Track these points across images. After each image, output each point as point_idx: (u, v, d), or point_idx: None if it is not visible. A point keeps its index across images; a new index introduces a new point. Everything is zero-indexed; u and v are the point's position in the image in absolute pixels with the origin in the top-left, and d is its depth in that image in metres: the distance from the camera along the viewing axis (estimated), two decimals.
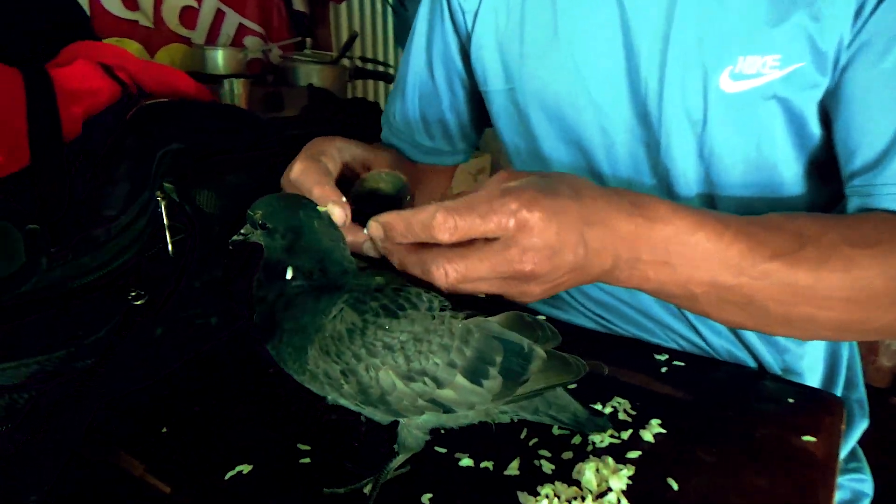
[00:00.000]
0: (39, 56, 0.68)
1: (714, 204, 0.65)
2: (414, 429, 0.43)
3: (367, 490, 0.43)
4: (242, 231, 0.43)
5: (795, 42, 0.54)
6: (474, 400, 0.42)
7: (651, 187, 0.67)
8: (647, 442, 0.50)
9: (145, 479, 0.43)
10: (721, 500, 0.43)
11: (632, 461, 0.47)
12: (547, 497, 0.42)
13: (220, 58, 2.04)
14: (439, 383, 0.40)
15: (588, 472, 0.44)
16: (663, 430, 0.51)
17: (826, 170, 0.61)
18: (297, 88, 2.16)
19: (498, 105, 0.75)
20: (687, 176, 0.64)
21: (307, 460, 0.45)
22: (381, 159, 0.59)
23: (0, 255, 0.37)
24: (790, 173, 0.62)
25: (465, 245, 0.40)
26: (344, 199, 0.46)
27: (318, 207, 0.43)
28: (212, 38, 2.26)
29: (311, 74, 2.17)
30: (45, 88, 0.56)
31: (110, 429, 0.46)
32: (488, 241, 0.40)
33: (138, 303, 0.46)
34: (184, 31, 2.18)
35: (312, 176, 0.48)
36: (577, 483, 0.44)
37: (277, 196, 0.43)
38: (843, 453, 0.74)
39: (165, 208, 0.50)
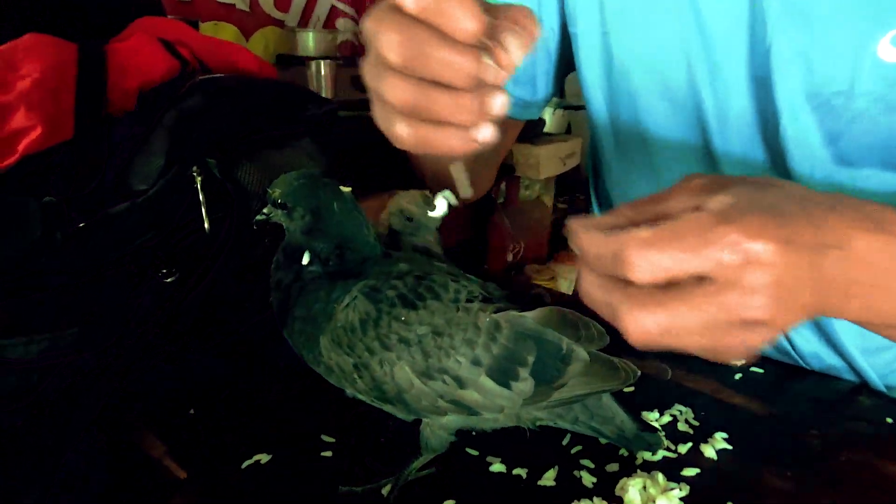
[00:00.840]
0: (105, 33, 0.69)
1: (840, 187, 0.55)
2: (438, 429, 0.40)
3: (385, 491, 0.40)
4: (265, 210, 0.40)
5: None
6: (502, 403, 0.38)
7: (764, 170, 0.58)
8: (709, 458, 0.44)
9: (163, 461, 0.42)
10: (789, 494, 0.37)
11: (687, 479, 0.41)
12: None
13: (310, 40, 2.07)
14: (461, 383, 0.37)
15: (633, 490, 0.39)
16: (729, 447, 0.45)
17: None
18: None
19: (587, 52, 0.65)
20: (813, 158, 0.55)
21: (329, 453, 0.43)
22: None
23: (16, 227, 0.37)
24: None
25: (668, 286, 0.31)
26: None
27: (340, 187, 0.40)
28: (304, 21, 2.30)
29: None
30: (98, 63, 0.56)
31: (137, 406, 0.45)
32: (698, 280, 0.31)
33: (169, 280, 0.45)
34: (277, 14, 2.22)
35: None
36: (620, 501, 0.39)
37: (298, 173, 0.41)
38: None
39: (202, 184, 0.48)
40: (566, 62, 0.70)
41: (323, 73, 1.88)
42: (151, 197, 0.43)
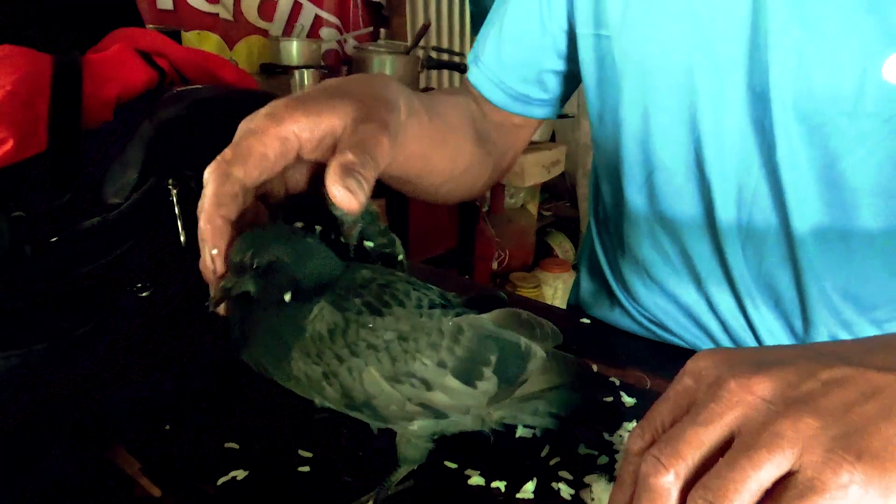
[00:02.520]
0: (83, 44, 0.69)
1: (840, 208, 0.57)
2: (413, 437, 0.40)
3: None
4: (224, 285, 0.37)
5: None
6: (468, 403, 0.38)
7: (755, 188, 0.59)
8: None
9: (137, 479, 0.41)
10: None
11: None
12: None
13: (294, 49, 2.07)
14: (428, 385, 0.37)
15: (597, 490, 0.40)
16: None
17: None
18: None
19: (587, 54, 0.66)
20: (807, 181, 0.55)
21: (306, 468, 0.43)
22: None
23: None
24: None
25: None
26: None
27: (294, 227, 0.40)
28: (289, 30, 2.30)
29: (384, 64, 2.17)
30: (73, 75, 0.55)
31: (110, 423, 0.44)
32: None
33: (143, 294, 0.45)
34: (262, 24, 2.22)
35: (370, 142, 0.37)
36: None
37: (251, 236, 0.39)
38: None
39: (177, 197, 0.48)
40: (575, 68, 0.70)
41: (306, 82, 1.88)
42: (125, 210, 0.42)
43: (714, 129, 0.57)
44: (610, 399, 0.52)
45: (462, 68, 2.25)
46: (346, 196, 0.35)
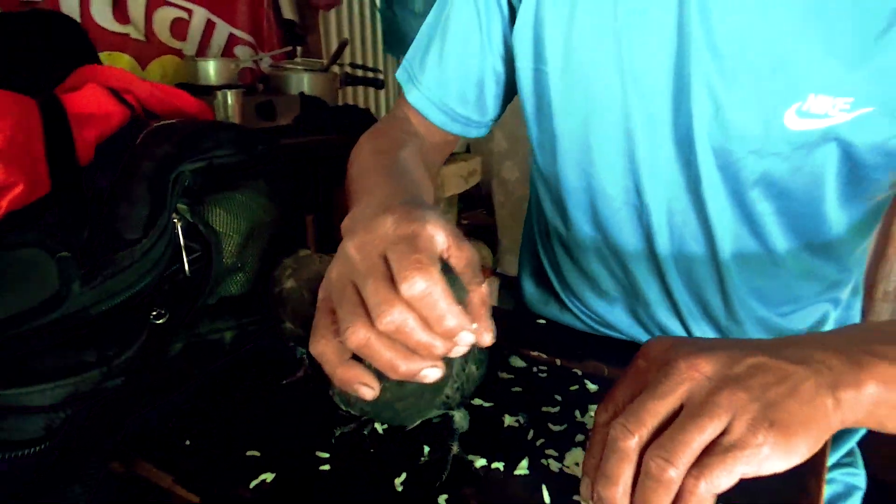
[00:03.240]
0: (48, 83, 0.70)
1: (752, 229, 0.67)
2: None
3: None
4: None
5: (870, 88, 0.54)
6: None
7: (686, 213, 0.68)
8: None
9: (174, 490, 0.45)
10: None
11: None
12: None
13: (211, 69, 2.06)
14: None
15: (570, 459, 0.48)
16: None
17: (856, 212, 0.64)
18: (288, 97, 2.18)
19: (527, 85, 0.71)
20: (728, 221, 0.66)
21: (327, 467, 0.48)
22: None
23: (32, 282, 0.40)
24: (832, 215, 0.64)
25: None
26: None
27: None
28: (202, 49, 2.28)
29: (302, 82, 2.19)
30: (59, 115, 0.58)
31: (134, 443, 0.48)
32: None
33: (159, 322, 0.48)
34: (175, 43, 2.19)
35: (441, 301, 0.37)
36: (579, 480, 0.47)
37: None
38: (841, 453, 0.77)
39: (182, 229, 0.52)
40: (512, 87, 0.76)
41: (230, 101, 1.88)
42: (146, 245, 0.46)
43: (648, 163, 0.66)
44: (576, 387, 0.60)
45: (378, 84, 2.30)
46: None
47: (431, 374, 0.38)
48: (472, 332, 0.38)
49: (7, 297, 0.38)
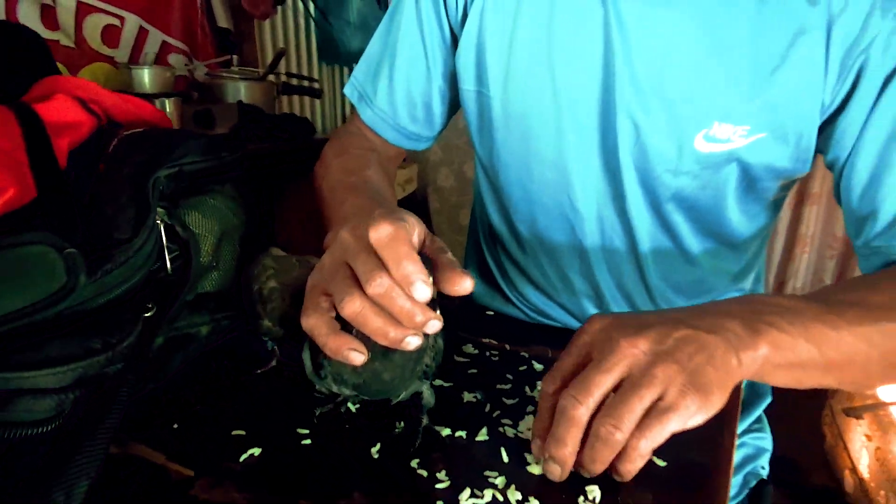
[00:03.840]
0: (12, 93, 0.72)
1: (669, 233, 0.76)
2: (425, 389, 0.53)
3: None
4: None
5: (764, 116, 0.64)
6: None
7: (616, 238, 0.77)
8: None
9: (168, 466, 0.49)
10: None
11: None
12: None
13: (146, 77, 2.05)
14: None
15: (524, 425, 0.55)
16: None
17: (755, 219, 0.75)
18: (226, 105, 2.18)
19: (470, 106, 0.79)
20: (647, 227, 0.75)
21: (308, 441, 0.53)
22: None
23: (41, 276, 0.43)
24: (735, 221, 0.74)
25: None
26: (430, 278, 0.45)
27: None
28: (135, 57, 2.26)
29: (239, 91, 2.21)
30: (36, 123, 0.61)
31: (124, 426, 0.51)
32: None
33: (148, 315, 0.52)
34: (106, 51, 2.17)
35: (402, 246, 0.44)
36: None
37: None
38: (750, 419, 0.87)
39: (165, 230, 0.56)
40: (455, 104, 0.85)
41: (168, 110, 1.88)
42: (136, 244, 0.50)
43: (580, 179, 0.74)
44: (525, 367, 0.67)
45: (316, 93, 2.34)
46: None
47: (413, 341, 0.44)
48: (438, 319, 0.46)
49: (20, 290, 0.42)
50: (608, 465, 0.46)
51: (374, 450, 0.52)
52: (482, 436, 0.54)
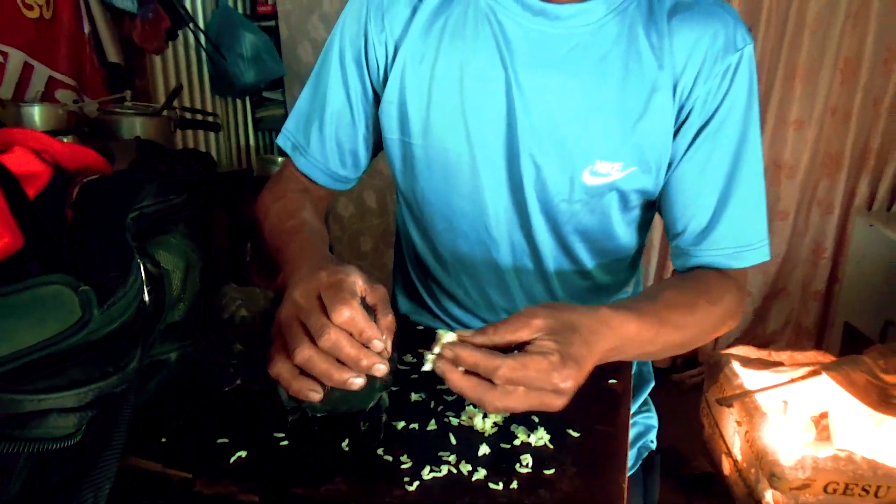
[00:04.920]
0: None
1: (569, 254, 0.91)
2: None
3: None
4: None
5: (633, 154, 0.81)
6: None
7: (525, 258, 0.91)
8: None
9: (167, 472, 0.56)
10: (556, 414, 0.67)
11: None
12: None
13: (36, 115, 2.02)
14: None
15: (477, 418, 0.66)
16: None
17: (633, 230, 0.92)
18: (124, 142, 2.17)
19: (394, 151, 0.92)
20: (550, 247, 0.90)
21: (286, 443, 0.62)
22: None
23: (60, 311, 0.50)
24: (619, 238, 0.91)
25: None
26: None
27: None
28: (20, 93, 2.20)
29: (135, 126, 2.19)
30: (9, 175, 0.66)
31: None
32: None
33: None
34: None
35: (351, 304, 0.56)
36: (471, 429, 0.65)
37: None
38: (639, 402, 1.03)
39: (143, 267, 0.63)
40: (377, 148, 0.97)
41: None
42: (129, 281, 0.57)
43: (493, 211, 0.89)
44: None
45: (216, 128, 2.37)
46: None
47: (357, 382, 0.55)
48: (385, 363, 0.57)
49: (42, 325, 0.48)
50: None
51: (343, 444, 0.62)
52: (432, 426, 0.66)
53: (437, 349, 0.58)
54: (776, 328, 3.04)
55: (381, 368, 0.56)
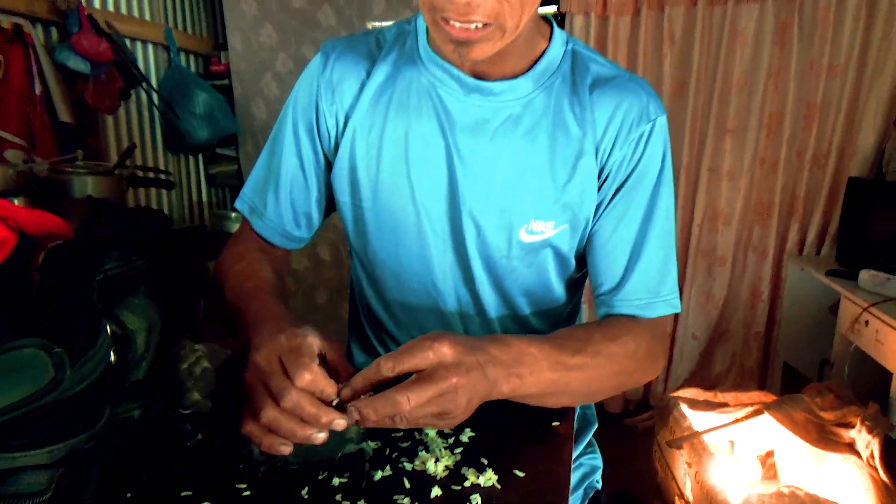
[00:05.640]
0: None
1: (508, 304, 0.98)
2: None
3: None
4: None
5: (563, 214, 0.89)
6: None
7: (469, 307, 0.98)
8: (462, 442, 0.77)
9: None
10: (504, 447, 0.71)
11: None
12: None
13: None
14: None
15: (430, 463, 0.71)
16: (473, 434, 0.78)
17: (571, 282, 0.99)
18: (74, 200, 2.16)
19: (346, 213, 0.99)
20: (492, 298, 0.97)
21: (248, 493, 0.65)
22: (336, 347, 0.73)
23: (34, 373, 0.53)
24: (556, 289, 0.98)
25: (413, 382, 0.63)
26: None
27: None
28: None
29: (86, 185, 2.19)
30: None
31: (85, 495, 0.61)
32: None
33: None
34: None
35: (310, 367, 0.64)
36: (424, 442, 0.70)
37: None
38: (584, 443, 1.09)
39: (109, 329, 0.66)
40: (328, 210, 1.04)
41: None
42: (101, 341, 0.61)
43: (440, 268, 0.96)
44: None
45: (170, 185, 2.39)
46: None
47: (319, 437, 0.60)
48: (343, 418, 0.63)
49: (17, 385, 0.51)
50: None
51: (303, 492, 0.65)
52: (387, 471, 0.69)
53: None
54: (722, 370, 3.15)
55: (341, 423, 0.62)
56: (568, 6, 2.84)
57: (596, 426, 1.11)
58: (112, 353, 0.67)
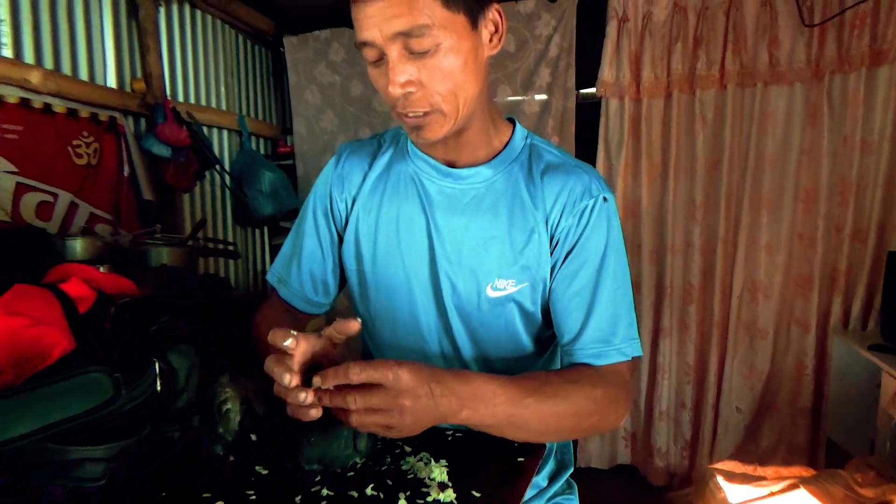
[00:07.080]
0: (32, 278, 1.02)
1: (481, 349, 1.14)
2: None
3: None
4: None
5: (523, 274, 1.07)
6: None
7: (449, 350, 1.15)
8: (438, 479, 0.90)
9: None
10: (470, 473, 0.85)
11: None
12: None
13: (78, 246, 2.30)
14: None
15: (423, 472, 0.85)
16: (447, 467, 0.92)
17: (541, 336, 1.14)
18: (150, 269, 2.43)
19: (352, 279, 1.19)
20: (467, 343, 1.13)
21: (254, 497, 0.81)
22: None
23: (98, 391, 0.72)
24: (524, 340, 1.14)
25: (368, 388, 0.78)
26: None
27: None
28: (66, 227, 2.50)
29: (162, 255, 2.47)
30: (67, 298, 0.90)
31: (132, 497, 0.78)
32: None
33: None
34: (39, 223, 2.41)
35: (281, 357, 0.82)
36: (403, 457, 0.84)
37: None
38: (560, 482, 1.21)
39: (159, 369, 0.85)
40: (344, 280, 1.24)
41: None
42: (151, 373, 0.79)
43: (425, 321, 1.14)
44: (398, 450, 0.98)
45: (235, 256, 2.65)
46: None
47: (312, 413, 0.78)
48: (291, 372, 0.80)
49: (86, 400, 0.70)
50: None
51: (297, 499, 0.80)
52: (370, 490, 0.84)
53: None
54: (769, 445, 3.09)
55: (286, 377, 0.80)
56: (603, 91, 3.03)
57: (572, 469, 1.23)
58: (158, 382, 0.86)
